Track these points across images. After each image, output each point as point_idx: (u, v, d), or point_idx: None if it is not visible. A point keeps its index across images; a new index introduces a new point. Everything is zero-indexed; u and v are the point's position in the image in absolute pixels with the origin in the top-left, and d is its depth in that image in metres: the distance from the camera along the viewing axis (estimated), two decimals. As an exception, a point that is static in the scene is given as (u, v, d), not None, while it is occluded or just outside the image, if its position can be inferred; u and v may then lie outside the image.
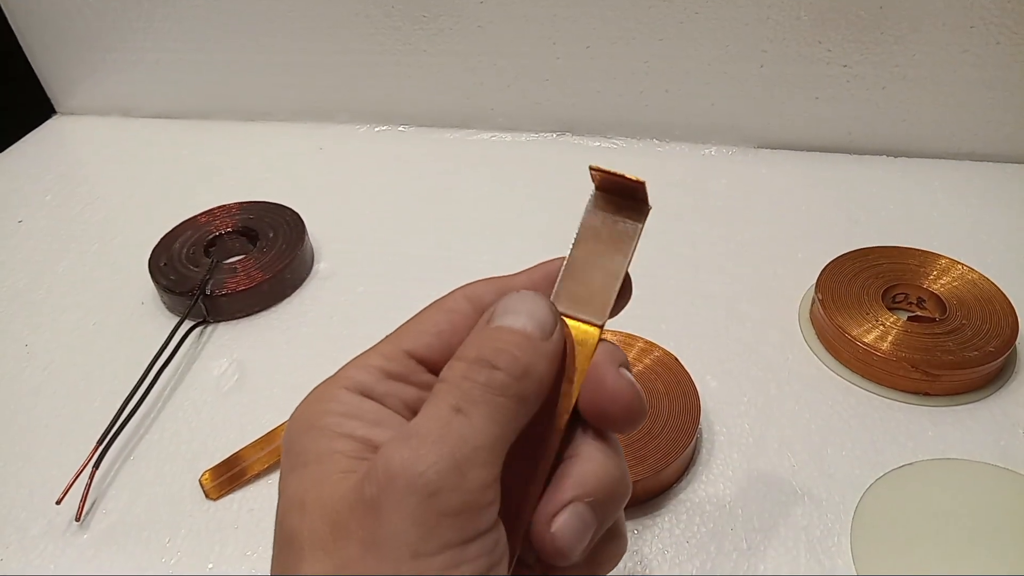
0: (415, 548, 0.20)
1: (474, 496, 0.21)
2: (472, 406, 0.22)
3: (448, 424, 0.22)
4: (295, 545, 0.22)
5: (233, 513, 0.43)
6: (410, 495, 0.20)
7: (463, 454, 0.21)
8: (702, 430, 0.45)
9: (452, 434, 0.21)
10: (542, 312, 0.25)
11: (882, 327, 0.48)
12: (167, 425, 0.49)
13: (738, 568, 0.38)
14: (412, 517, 0.20)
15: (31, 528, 0.43)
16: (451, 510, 0.21)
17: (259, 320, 0.57)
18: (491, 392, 0.23)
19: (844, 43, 0.65)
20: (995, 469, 0.42)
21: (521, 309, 0.25)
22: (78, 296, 0.61)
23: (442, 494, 0.21)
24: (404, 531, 0.20)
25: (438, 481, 0.21)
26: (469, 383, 0.23)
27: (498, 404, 0.23)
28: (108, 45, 0.82)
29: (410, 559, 0.20)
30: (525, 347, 0.24)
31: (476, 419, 0.22)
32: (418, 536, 0.20)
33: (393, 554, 0.20)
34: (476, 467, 0.21)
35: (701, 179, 0.69)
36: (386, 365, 0.25)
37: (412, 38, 0.74)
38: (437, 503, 0.20)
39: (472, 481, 0.21)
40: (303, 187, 0.71)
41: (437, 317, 0.27)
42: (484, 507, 0.21)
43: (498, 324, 0.24)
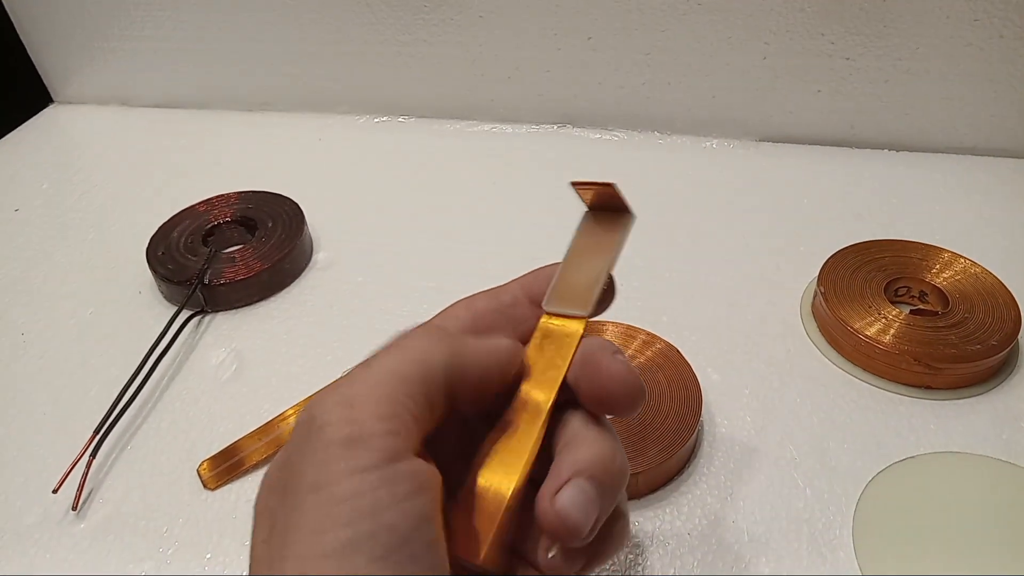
0: (313, 482, 0.21)
1: (361, 425, 0.22)
2: (375, 356, 0.24)
3: (351, 375, 0.23)
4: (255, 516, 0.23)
5: (231, 503, 0.43)
6: (305, 434, 0.22)
7: (352, 391, 0.23)
8: (703, 423, 0.45)
9: (349, 379, 0.23)
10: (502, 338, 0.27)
11: (884, 320, 0.48)
12: (164, 415, 0.49)
13: (740, 560, 0.38)
14: (307, 453, 0.22)
15: (27, 517, 0.43)
16: (338, 440, 0.22)
17: (258, 310, 0.56)
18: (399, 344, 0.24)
19: (847, 36, 0.64)
20: (997, 463, 0.42)
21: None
22: (75, 285, 0.60)
23: (329, 427, 0.22)
24: (303, 468, 0.22)
25: (324, 415, 0.22)
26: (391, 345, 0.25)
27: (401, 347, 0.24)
28: (106, 34, 0.82)
29: (311, 493, 0.21)
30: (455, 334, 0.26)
31: (373, 363, 0.24)
32: (314, 470, 0.21)
33: (298, 493, 0.21)
34: (365, 400, 0.22)
35: (703, 172, 0.69)
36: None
37: (413, 28, 0.73)
38: (325, 434, 0.22)
39: (359, 411, 0.22)
40: (302, 177, 0.71)
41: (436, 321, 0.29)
42: (378, 436, 0.22)
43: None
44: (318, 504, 0.21)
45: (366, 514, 0.21)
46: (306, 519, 0.21)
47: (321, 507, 0.21)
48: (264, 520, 0.23)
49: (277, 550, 0.21)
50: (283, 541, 0.21)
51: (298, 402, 0.47)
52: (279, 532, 0.21)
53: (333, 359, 0.52)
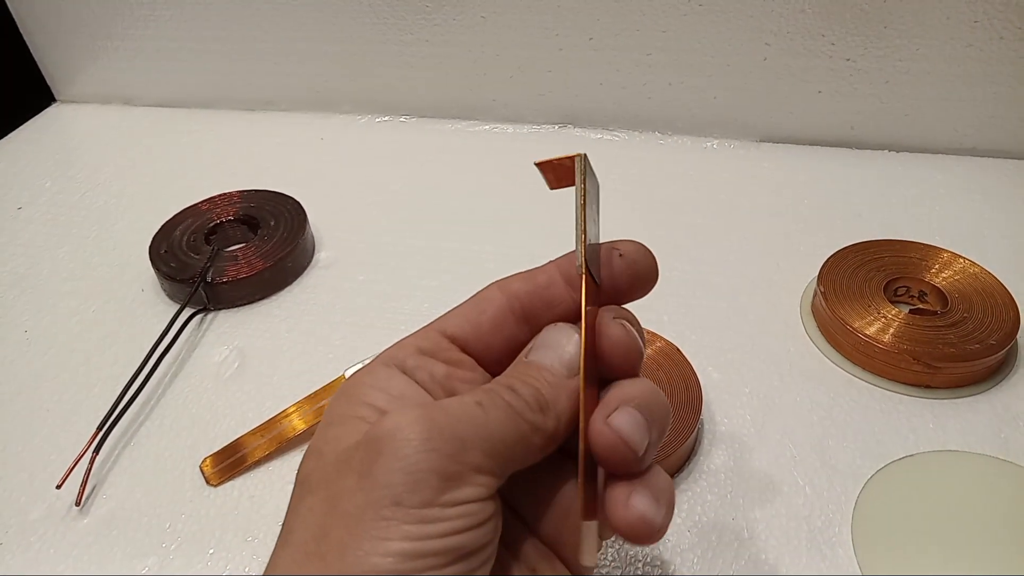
0: (398, 496, 0.22)
1: (465, 469, 0.23)
2: (492, 406, 0.24)
3: (465, 408, 0.24)
4: (304, 483, 0.24)
5: (234, 499, 0.43)
6: (409, 443, 0.22)
7: (469, 433, 0.23)
8: (704, 421, 0.45)
9: (466, 416, 0.24)
10: (569, 349, 0.27)
11: (884, 320, 0.48)
12: (167, 412, 0.49)
13: (739, 557, 0.38)
14: (404, 463, 0.22)
15: (31, 512, 0.43)
16: (440, 471, 0.22)
17: (260, 308, 0.57)
18: (511, 407, 0.25)
19: (848, 37, 0.64)
20: (996, 461, 0.42)
21: (551, 342, 0.27)
22: (78, 282, 0.60)
23: (436, 454, 0.22)
24: (392, 475, 0.22)
25: (438, 441, 0.22)
26: (495, 393, 0.25)
27: (514, 417, 0.25)
28: (109, 33, 0.82)
29: (391, 504, 0.22)
30: (549, 382, 0.26)
31: (491, 414, 0.24)
32: (403, 484, 0.22)
33: (378, 495, 0.22)
34: (475, 450, 0.23)
35: (703, 172, 0.69)
36: (420, 343, 0.28)
37: (415, 28, 0.73)
38: (430, 459, 0.22)
39: (468, 456, 0.23)
40: (305, 176, 0.71)
41: (469, 302, 0.29)
42: (474, 485, 0.23)
43: (531, 359, 0.27)
44: (395, 517, 0.22)
45: (435, 536, 0.22)
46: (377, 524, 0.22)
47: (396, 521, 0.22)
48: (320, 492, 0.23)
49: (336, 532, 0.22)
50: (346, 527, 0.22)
51: (300, 400, 0.47)
52: (342, 516, 0.22)
53: (335, 357, 0.52)
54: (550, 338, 0.28)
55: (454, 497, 0.22)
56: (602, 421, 0.25)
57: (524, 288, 0.29)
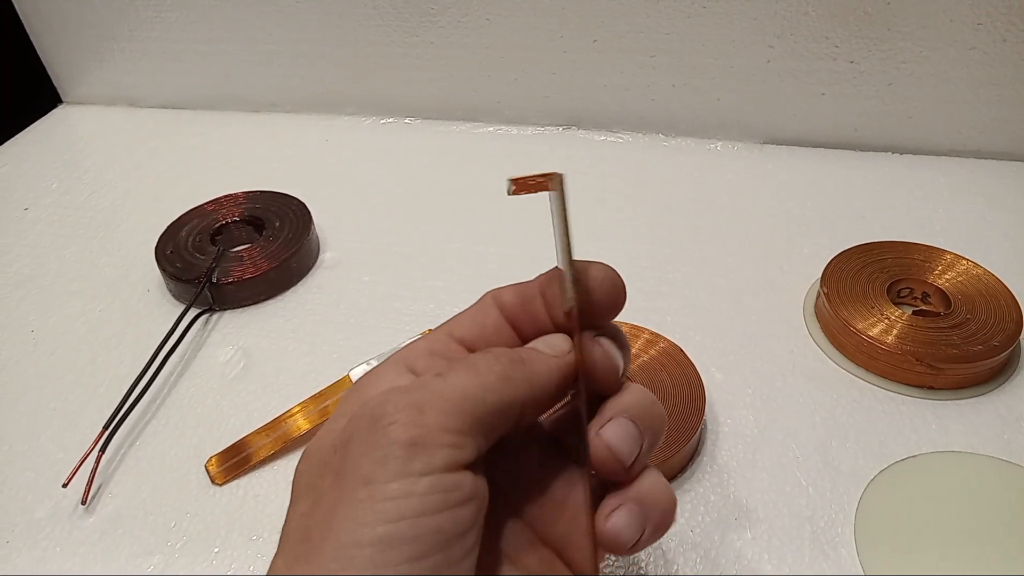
0: (367, 475, 0.22)
1: (428, 432, 0.22)
2: (450, 370, 0.25)
3: (422, 381, 0.24)
4: (295, 487, 0.24)
5: (239, 498, 0.43)
6: (370, 426, 0.22)
7: (424, 398, 0.23)
8: (707, 421, 0.45)
9: (420, 386, 0.24)
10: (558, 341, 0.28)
11: (887, 321, 0.48)
12: (173, 411, 0.49)
13: (742, 557, 0.39)
14: (367, 445, 0.22)
15: (37, 511, 0.43)
16: (401, 440, 0.22)
17: (265, 308, 0.57)
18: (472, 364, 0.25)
19: (851, 39, 0.65)
20: (998, 462, 0.42)
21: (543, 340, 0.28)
22: (84, 283, 0.61)
23: (395, 425, 0.22)
24: (360, 459, 0.22)
25: (394, 414, 0.22)
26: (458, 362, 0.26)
27: (476, 371, 0.25)
28: (115, 35, 0.82)
29: (363, 486, 0.21)
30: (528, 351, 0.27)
31: (450, 377, 0.24)
32: (371, 464, 0.22)
33: (350, 482, 0.22)
34: (436, 411, 0.23)
35: (707, 174, 0.69)
36: (431, 345, 0.28)
37: (419, 30, 0.74)
38: (390, 432, 0.22)
39: (429, 419, 0.23)
40: (309, 178, 0.71)
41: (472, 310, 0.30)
42: (439, 446, 0.22)
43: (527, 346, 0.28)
44: (368, 496, 0.21)
45: (411, 515, 0.21)
46: (352, 508, 0.21)
47: (370, 500, 0.21)
48: (307, 496, 0.24)
49: (317, 529, 0.22)
50: (325, 523, 0.22)
51: (305, 400, 0.48)
52: (322, 513, 0.22)
53: (339, 357, 0.52)
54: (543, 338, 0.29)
55: (425, 465, 0.22)
56: (594, 432, 0.26)
57: (513, 300, 0.29)
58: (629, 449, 0.26)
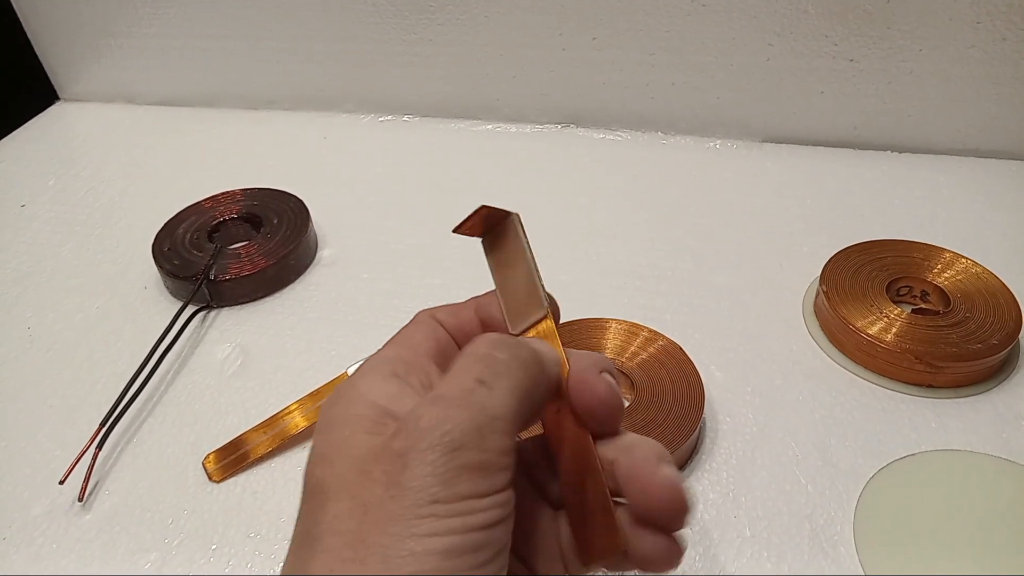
0: (434, 495, 0.22)
1: (491, 456, 0.23)
2: (495, 379, 0.25)
3: (472, 392, 0.24)
4: (320, 491, 0.24)
5: (236, 495, 0.43)
6: (435, 448, 0.23)
7: (484, 420, 0.24)
8: (706, 419, 0.45)
9: (475, 402, 0.24)
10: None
11: (886, 319, 0.48)
12: (170, 408, 0.49)
13: (741, 555, 0.38)
14: (434, 467, 0.22)
15: (34, 508, 0.43)
16: (470, 465, 0.23)
17: (263, 306, 0.57)
18: (511, 368, 0.25)
19: (850, 37, 0.65)
20: (997, 460, 0.42)
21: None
22: (81, 280, 0.61)
23: (463, 451, 0.23)
24: (425, 478, 0.22)
25: (461, 439, 0.23)
26: (493, 359, 0.25)
27: (517, 379, 0.25)
28: (113, 31, 0.82)
29: (428, 503, 0.22)
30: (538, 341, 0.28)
31: (497, 391, 0.25)
32: (438, 485, 0.22)
33: (413, 497, 0.22)
34: (495, 433, 0.24)
35: (706, 172, 0.69)
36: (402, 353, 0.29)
37: (418, 27, 0.74)
38: (458, 458, 0.23)
39: (490, 443, 0.23)
40: (307, 175, 0.71)
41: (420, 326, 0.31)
42: (499, 469, 0.24)
43: None
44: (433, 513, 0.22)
45: (476, 528, 0.22)
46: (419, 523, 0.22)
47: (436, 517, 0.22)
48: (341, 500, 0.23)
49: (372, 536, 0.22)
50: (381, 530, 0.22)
51: (302, 397, 0.47)
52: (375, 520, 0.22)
53: (337, 354, 0.52)
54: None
55: (490, 486, 0.23)
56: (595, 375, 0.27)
57: (450, 323, 0.30)
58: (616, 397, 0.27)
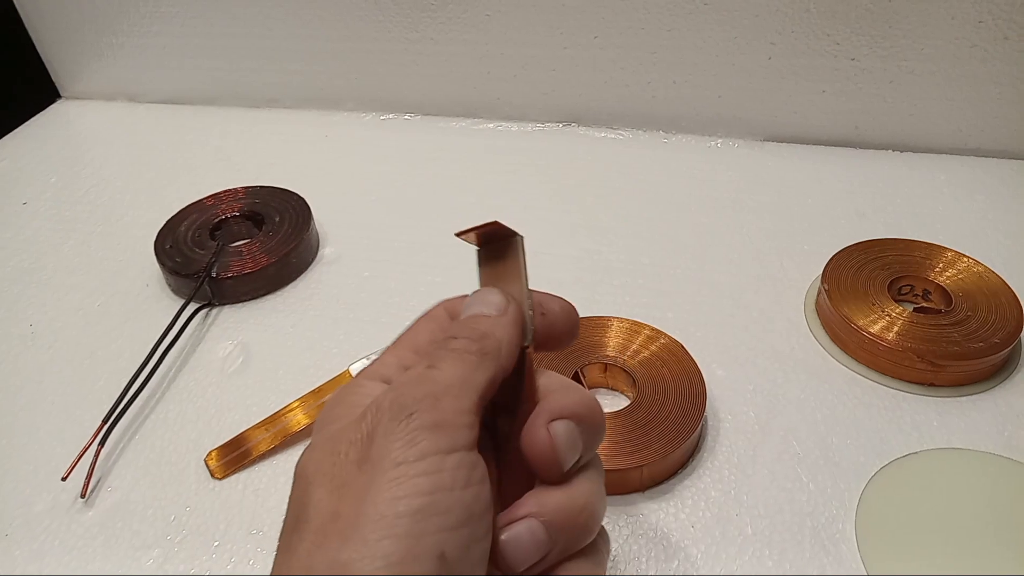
0: (398, 457, 0.23)
1: (447, 416, 0.25)
2: (440, 361, 0.27)
3: (422, 375, 0.26)
4: (303, 477, 0.25)
5: (238, 492, 0.43)
6: (393, 419, 0.24)
7: (435, 389, 0.25)
8: (708, 417, 0.45)
9: (426, 379, 0.26)
10: (494, 297, 0.30)
11: (888, 318, 0.48)
12: (172, 405, 0.49)
13: (743, 552, 0.38)
14: (394, 435, 0.24)
15: (36, 504, 0.43)
16: (426, 425, 0.24)
17: (264, 303, 0.57)
18: (454, 351, 0.27)
19: (853, 36, 0.65)
20: (999, 459, 0.42)
21: (478, 300, 0.30)
22: (82, 277, 0.61)
23: (419, 414, 0.24)
24: (388, 446, 0.24)
25: (414, 405, 0.24)
26: (440, 349, 0.27)
27: (461, 357, 0.27)
28: (114, 30, 0.82)
29: (394, 467, 0.23)
30: (481, 320, 0.29)
31: (444, 368, 0.26)
32: (400, 448, 0.23)
33: (380, 465, 0.23)
34: (448, 398, 0.25)
35: (707, 171, 0.69)
36: (400, 359, 0.30)
37: (420, 26, 0.74)
38: (414, 420, 0.24)
39: (445, 405, 0.25)
40: (309, 173, 0.71)
41: (429, 325, 0.32)
42: (459, 427, 0.25)
43: (464, 315, 0.30)
44: (400, 475, 0.23)
45: (444, 488, 0.23)
46: (386, 485, 0.23)
47: (403, 477, 0.23)
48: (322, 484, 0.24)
49: (347, 509, 0.23)
50: (356, 502, 0.23)
51: (304, 394, 0.47)
52: (352, 496, 0.23)
53: (339, 352, 0.52)
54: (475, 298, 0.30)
55: (450, 443, 0.24)
56: (543, 426, 0.27)
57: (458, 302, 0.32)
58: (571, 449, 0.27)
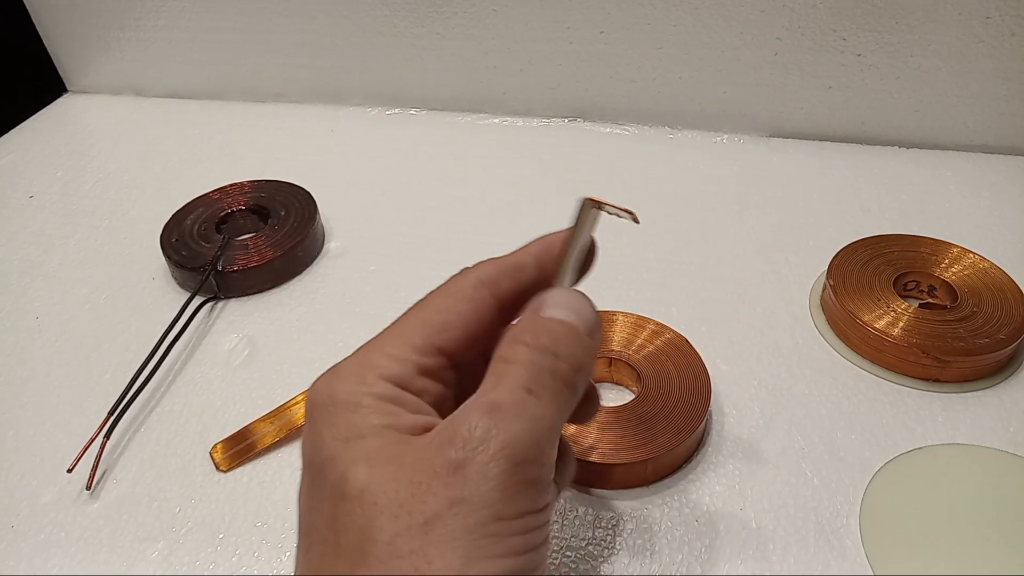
0: (498, 511, 0.22)
1: (547, 471, 0.23)
2: (542, 390, 0.24)
3: (524, 402, 0.24)
4: (365, 502, 0.23)
5: (244, 485, 0.43)
6: (497, 461, 0.22)
7: (540, 431, 0.23)
8: (712, 412, 0.45)
9: (528, 412, 0.23)
10: (588, 312, 0.27)
11: (893, 313, 0.48)
12: (177, 398, 0.49)
13: (747, 547, 0.38)
14: (497, 481, 0.22)
15: (42, 496, 0.43)
16: (531, 480, 0.22)
17: (270, 297, 0.57)
18: (556, 379, 0.25)
19: (859, 32, 0.64)
20: (1004, 455, 0.42)
21: (570, 305, 0.27)
22: (89, 270, 0.61)
23: (525, 465, 0.22)
24: (489, 493, 0.22)
25: (523, 453, 0.22)
26: (537, 368, 0.25)
27: (560, 391, 0.25)
28: (121, 24, 0.82)
29: (493, 520, 0.22)
30: (579, 343, 0.26)
31: (545, 401, 0.24)
32: (502, 500, 0.22)
33: (478, 513, 0.22)
34: (548, 445, 0.23)
35: (713, 166, 0.69)
36: (421, 361, 0.27)
37: (426, 20, 0.74)
38: (521, 472, 0.22)
39: (546, 456, 0.23)
40: (315, 168, 0.71)
41: (461, 308, 0.28)
42: (550, 483, 0.24)
43: (551, 315, 0.26)
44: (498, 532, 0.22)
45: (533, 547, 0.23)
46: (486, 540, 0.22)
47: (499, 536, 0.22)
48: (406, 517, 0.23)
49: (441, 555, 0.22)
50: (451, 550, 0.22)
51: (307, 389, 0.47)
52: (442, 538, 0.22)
53: (344, 345, 0.51)
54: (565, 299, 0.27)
55: (544, 500, 0.23)
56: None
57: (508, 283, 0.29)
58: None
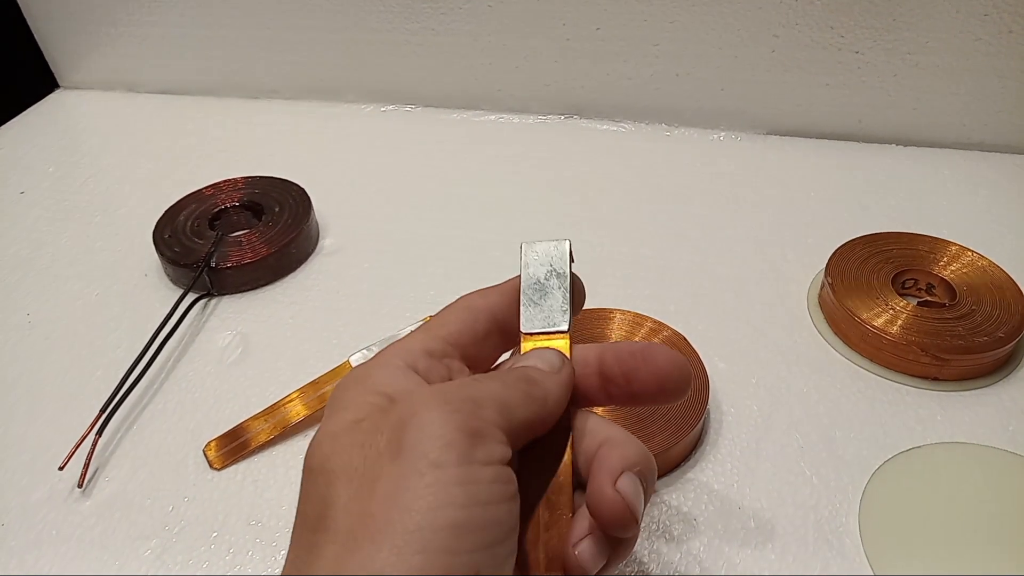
0: (435, 458, 0.22)
1: (485, 425, 0.24)
2: (486, 379, 0.27)
3: (465, 381, 0.26)
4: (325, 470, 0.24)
5: (237, 483, 0.43)
6: (433, 412, 0.23)
7: (479, 395, 0.25)
8: (710, 410, 0.45)
9: (469, 385, 0.26)
10: (551, 355, 0.29)
11: (892, 311, 0.48)
12: (170, 396, 0.49)
13: (745, 545, 0.38)
14: (430, 430, 0.23)
15: (33, 494, 0.43)
16: (465, 429, 0.23)
17: (264, 294, 0.56)
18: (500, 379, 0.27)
19: (856, 29, 0.64)
20: (1002, 453, 0.42)
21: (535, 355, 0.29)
22: (81, 266, 0.60)
23: (460, 414, 0.23)
24: (424, 441, 0.23)
25: (457, 403, 0.24)
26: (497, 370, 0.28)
27: (508, 384, 0.26)
28: (113, 19, 0.82)
29: (431, 468, 0.22)
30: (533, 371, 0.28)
31: (489, 382, 0.26)
32: (437, 448, 0.23)
33: (414, 462, 0.22)
34: (490, 409, 0.24)
35: (710, 164, 0.69)
36: (427, 345, 0.29)
37: (421, 16, 0.73)
38: (455, 419, 0.23)
39: (486, 414, 0.24)
40: (309, 164, 0.71)
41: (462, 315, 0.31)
42: (495, 441, 0.24)
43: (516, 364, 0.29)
44: (435, 480, 0.22)
45: (480, 502, 0.22)
46: (422, 491, 0.22)
47: (438, 484, 0.22)
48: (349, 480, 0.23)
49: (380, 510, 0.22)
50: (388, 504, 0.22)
51: (303, 385, 0.47)
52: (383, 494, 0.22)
53: (338, 343, 0.51)
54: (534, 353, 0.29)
55: (486, 455, 0.23)
56: (609, 486, 0.26)
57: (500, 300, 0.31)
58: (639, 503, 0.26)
